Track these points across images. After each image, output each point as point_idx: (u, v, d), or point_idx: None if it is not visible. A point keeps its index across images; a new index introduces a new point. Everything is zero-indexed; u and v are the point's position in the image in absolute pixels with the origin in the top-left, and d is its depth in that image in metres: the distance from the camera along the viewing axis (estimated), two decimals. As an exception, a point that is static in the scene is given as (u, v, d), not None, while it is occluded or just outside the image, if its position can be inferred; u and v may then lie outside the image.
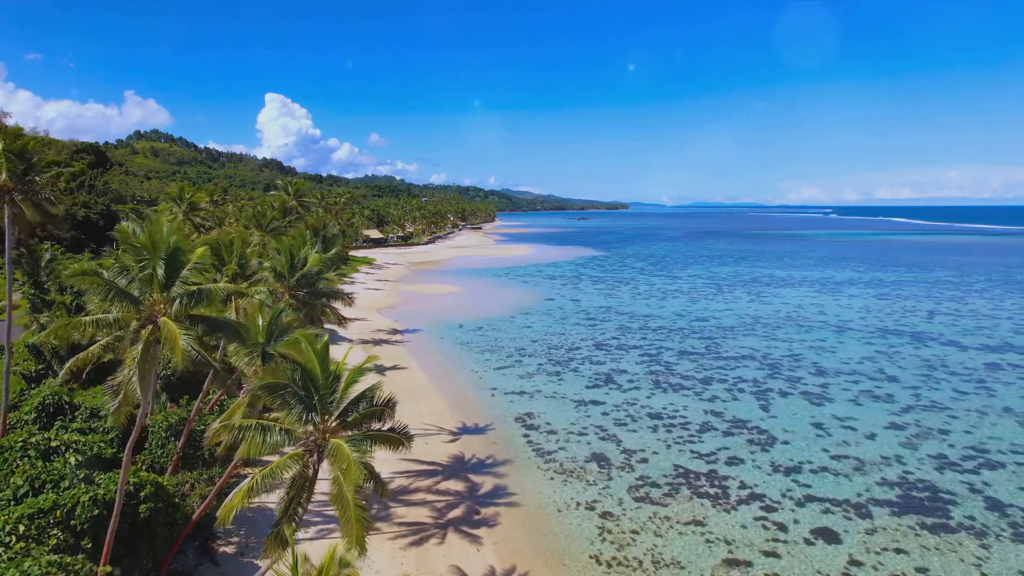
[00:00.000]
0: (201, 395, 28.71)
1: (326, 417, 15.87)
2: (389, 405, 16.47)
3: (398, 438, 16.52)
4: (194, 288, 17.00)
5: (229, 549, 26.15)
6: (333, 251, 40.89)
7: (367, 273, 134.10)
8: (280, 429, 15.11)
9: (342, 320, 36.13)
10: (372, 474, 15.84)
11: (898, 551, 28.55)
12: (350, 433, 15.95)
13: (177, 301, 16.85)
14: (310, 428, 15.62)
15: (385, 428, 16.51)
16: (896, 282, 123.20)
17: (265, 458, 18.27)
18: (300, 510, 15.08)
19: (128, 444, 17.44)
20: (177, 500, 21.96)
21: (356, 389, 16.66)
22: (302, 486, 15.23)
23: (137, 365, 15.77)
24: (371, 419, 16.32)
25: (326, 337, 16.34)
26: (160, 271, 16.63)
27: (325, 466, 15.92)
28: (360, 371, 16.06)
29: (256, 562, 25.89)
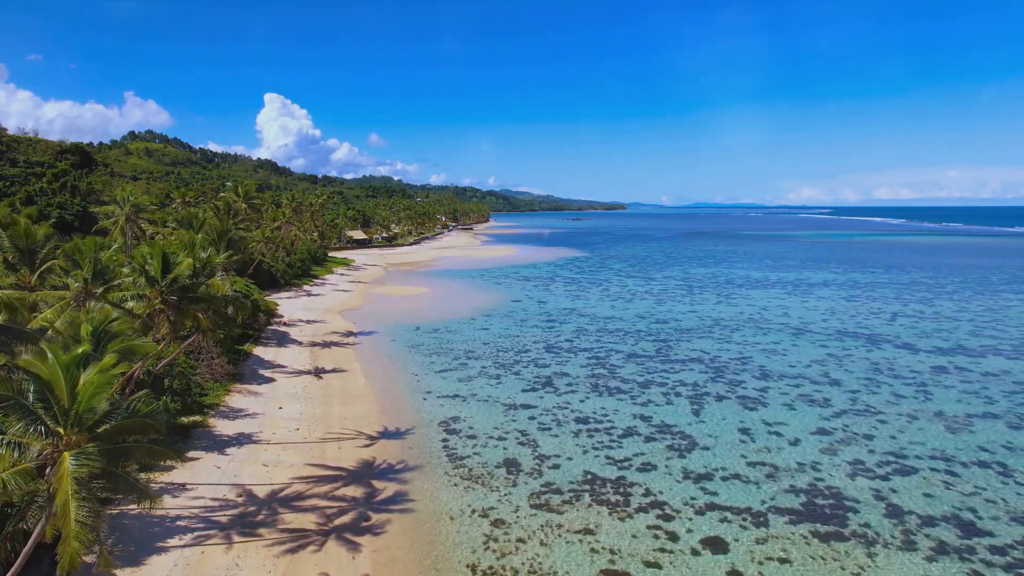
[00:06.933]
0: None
1: (67, 430, 15.46)
2: (151, 416, 16.08)
3: (162, 451, 16.13)
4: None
5: (89, 559, 25.63)
6: (222, 257, 40.27)
7: (341, 275, 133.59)
8: (11, 442, 14.71)
9: (226, 323, 35.67)
10: (129, 486, 15.44)
11: (782, 561, 28.08)
12: (95, 446, 15.54)
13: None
14: (44, 441, 15.21)
15: (146, 440, 16.08)
16: (870, 284, 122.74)
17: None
18: (25, 527, 14.66)
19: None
20: (13, 511, 21.41)
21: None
22: (31, 503, 14.82)
23: None
24: (129, 431, 15.90)
25: (81, 349, 15.87)
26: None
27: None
28: (101, 385, 15.56)
29: (114, 572, 25.52)
